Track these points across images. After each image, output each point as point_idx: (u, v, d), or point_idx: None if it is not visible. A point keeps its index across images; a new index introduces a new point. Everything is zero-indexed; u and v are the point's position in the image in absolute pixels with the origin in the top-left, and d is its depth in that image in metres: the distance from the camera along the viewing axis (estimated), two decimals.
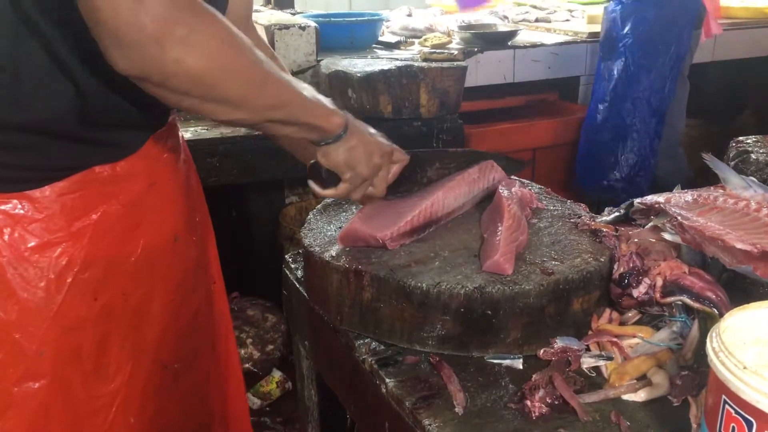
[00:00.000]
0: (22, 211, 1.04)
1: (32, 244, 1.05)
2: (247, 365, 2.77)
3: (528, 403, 0.97)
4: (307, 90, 1.09)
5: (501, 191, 1.32)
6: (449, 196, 1.31)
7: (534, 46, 3.29)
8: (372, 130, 1.22)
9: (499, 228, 1.19)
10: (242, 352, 2.77)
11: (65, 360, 1.10)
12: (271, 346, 2.81)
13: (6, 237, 1.04)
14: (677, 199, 1.23)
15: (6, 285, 1.04)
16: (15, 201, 1.04)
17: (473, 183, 1.36)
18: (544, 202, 1.41)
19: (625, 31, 3.09)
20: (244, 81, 0.98)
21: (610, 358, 1.06)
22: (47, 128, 1.03)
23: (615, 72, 3.12)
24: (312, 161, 1.19)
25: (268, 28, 2.73)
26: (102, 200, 1.10)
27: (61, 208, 1.06)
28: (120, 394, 1.17)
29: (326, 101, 1.12)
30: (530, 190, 1.41)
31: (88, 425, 1.15)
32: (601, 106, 3.18)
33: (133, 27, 0.85)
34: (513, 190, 1.34)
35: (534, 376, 1.02)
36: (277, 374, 2.70)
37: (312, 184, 1.21)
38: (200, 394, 1.39)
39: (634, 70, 3.08)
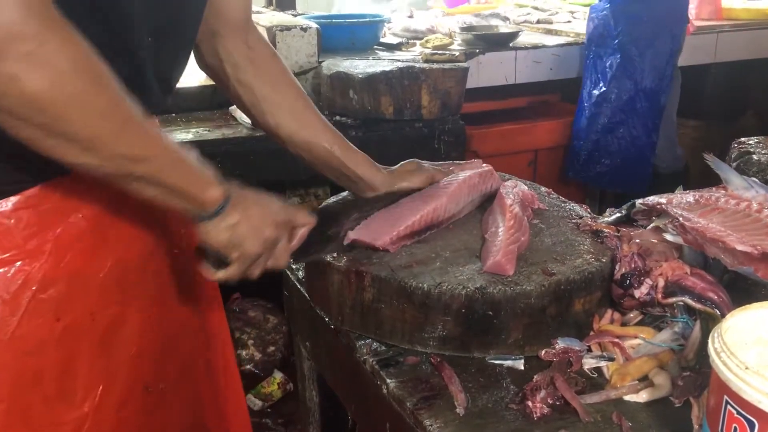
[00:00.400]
0: None
1: None
2: (248, 366, 2.77)
3: (529, 403, 0.97)
4: (184, 152, 0.96)
5: (502, 192, 1.32)
6: (452, 201, 1.30)
7: (535, 47, 3.29)
8: (265, 199, 1.09)
9: (501, 229, 1.19)
10: (243, 353, 2.77)
11: (25, 385, 1.02)
12: (272, 348, 2.81)
13: None
14: (679, 200, 1.23)
15: None
16: None
17: (474, 188, 1.36)
18: (546, 202, 1.41)
19: (619, 28, 3.14)
20: (96, 119, 0.84)
21: (611, 359, 1.06)
22: None
23: (610, 68, 3.17)
24: (199, 243, 1.06)
25: (269, 30, 2.74)
26: (62, 215, 1.02)
27: (16, 223, 0.99)
28: (89, 419, 1.08)
29: (207, 170, 0.99)
30: (532, 191, 1.41)
31: None
32: (595, 102, 3.22)
33: None
34: (515, 190, 1.34)
35: (535, 376, 1.02)
36: (278, 375, 2.70)
37: (202, 268, 1.08)
38: (194, 413, 1.33)
39: (630, 66, 3.13)
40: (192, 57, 1.27)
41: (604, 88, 3.19)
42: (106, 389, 1.10)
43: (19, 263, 0.99)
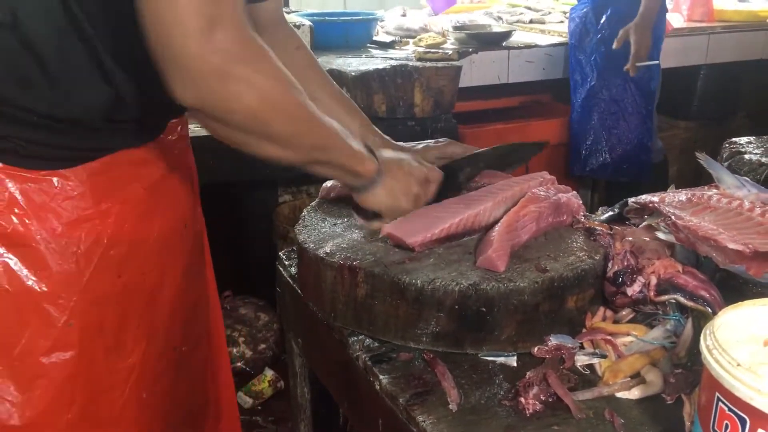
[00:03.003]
0: (57, 189, 1.08)
1: (65, 220, 1.09)
2: (239, 364, 2.76)
3: (522, 400, 0.97)
4: (346, 134, 1.14)
5: (535, 191, 1.27)
6: (499, 208, 1.25)
7: (528, 47, 3.30)
8: (403, 157, 1.26)
9: (499, 224, 1.18)
10: (234, 350, 2.77)
11: (91, 333, 1.14)
12: (263, 345, 2.80)
13: (41, 213, 1.08)
14: (671, 199, 1.24)
15: (40, 258, 1.08)
16: (50, 179, 1.08)
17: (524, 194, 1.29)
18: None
19: (602, 21, 3.21)
20: (293, 120, 1.03)
21: (604, 356, 1.06)
22: (81, 120, 1.08)
23: (595, 63, 3.23)
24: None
25: None
26: (127, 182, 1.15)
27: (91, 187, 1.10)
28: (135, 370, 1.21)
29: (361, 146, 1.16)
30: (579, 202, 1.33)
31: (107, 398, 1.19)
32: (586, 98, 3.27)
33: (199, 57, 0.91)
34: (551, 194, 1.28)
35: (528, 373, 1.02)
36: (269, 373, 2.70)
37: (358, 217, 1.26)
38: (200, 379, 1.44)
39: (616, 58, 3.16)
40: None
41: (593, 83, 3.24)
42: (149, 345, 1.23)
43: (92, 222, 1.11)
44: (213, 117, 0.99)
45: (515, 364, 1.08)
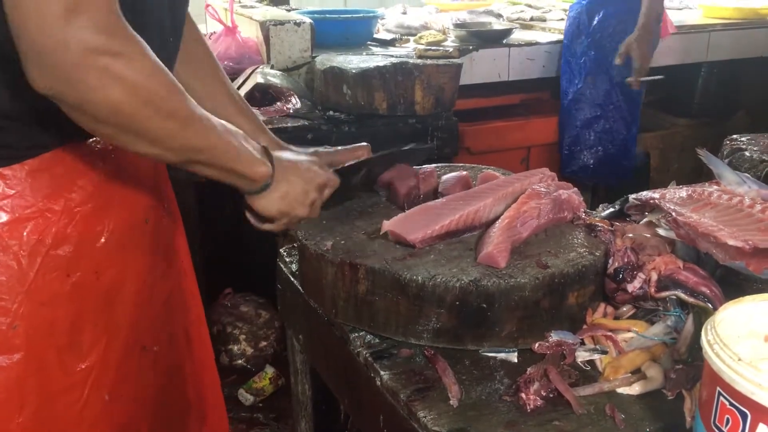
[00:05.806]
0: None
1: (4, 219, 1.06)
2: (240, 362, 2.77)
3: (523, 395, 0.97)
4: (235, 136, 1.08)
5: (536, 188, 1.28)
6: (499, 205, 1.25)
7: (529, 44, 3.30)
8: (302, 160, 1.21)
9: (500, 221, 1.18)
10: (235, 348, 2.77)
11: (40, 334, 1.10)
12: (264, 343, 2.81)
13: None
14: (672, 195, 1.24)
15: None
16: None
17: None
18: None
19: (594, 24, 3.19)
20: (164, 119, 0.97)
21: (604, 352, 1.07)
22: (11, 112, 1.04)
23: (584, 64, 3.22)
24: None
25: (263, 24, 2.73)
26: (71, 179, 1.11)
27: (32, 185, 1.07)
28: (94, 371, 1.17)
29: (254, 150, 1.11)
30: (580, 198, 1.33)
31: (63, 401, 1.15)
32: (573, 99, 3.28)
33: (57, 46, 0.86)
34: (552, 190, 1.28)
35: (529, 369, 1.02)
36: (270, 370, 2.70)
37: (249, 217, 1.20)
38: (177, 381, 1.40)
39: (605, 61, 3.15)
40: None
41: (579, 85, 3.24)
42: (109, 345, 1.19)
43: (35, 221, 1.08)
44: (71, 106, 0.92)
45: (516, 360, 1.08)
